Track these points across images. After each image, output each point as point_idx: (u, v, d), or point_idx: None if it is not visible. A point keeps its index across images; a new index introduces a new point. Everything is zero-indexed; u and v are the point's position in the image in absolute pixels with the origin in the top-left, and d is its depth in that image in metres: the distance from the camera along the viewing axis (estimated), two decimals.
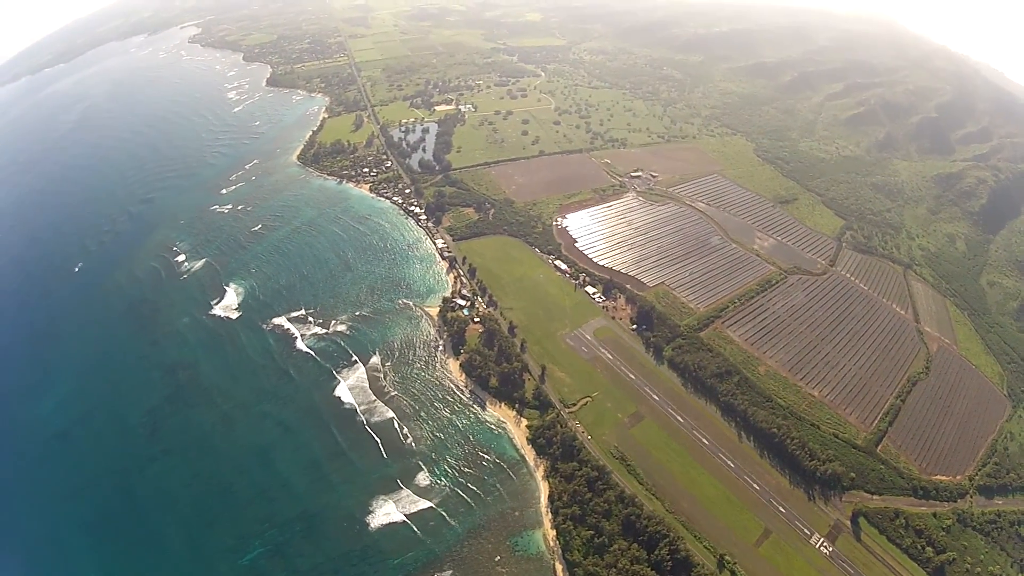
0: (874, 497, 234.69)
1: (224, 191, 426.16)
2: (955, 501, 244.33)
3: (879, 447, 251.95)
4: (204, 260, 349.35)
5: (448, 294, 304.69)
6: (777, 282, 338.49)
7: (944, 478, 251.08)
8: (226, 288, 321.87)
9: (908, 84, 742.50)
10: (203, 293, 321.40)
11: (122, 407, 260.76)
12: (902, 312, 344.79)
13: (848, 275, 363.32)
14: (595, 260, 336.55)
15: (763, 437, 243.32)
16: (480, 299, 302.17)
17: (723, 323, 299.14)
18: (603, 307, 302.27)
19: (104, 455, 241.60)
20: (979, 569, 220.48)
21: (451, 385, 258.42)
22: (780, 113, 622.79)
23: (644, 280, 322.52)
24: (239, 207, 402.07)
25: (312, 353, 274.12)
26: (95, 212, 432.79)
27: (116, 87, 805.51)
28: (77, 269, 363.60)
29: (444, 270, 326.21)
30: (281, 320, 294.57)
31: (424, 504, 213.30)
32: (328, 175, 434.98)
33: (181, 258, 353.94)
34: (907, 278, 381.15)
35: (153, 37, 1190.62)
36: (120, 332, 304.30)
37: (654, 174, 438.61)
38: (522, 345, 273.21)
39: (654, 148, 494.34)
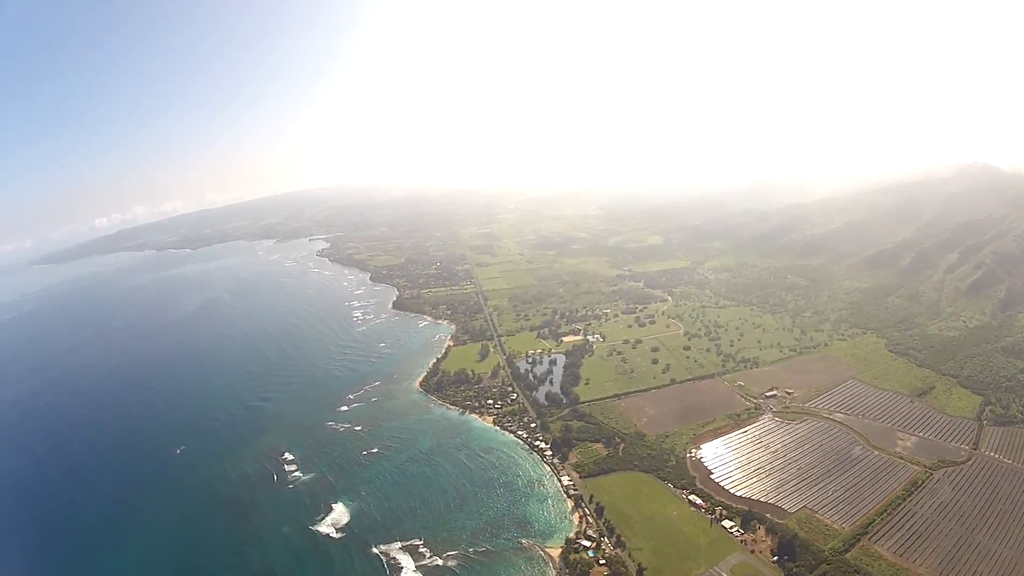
0: None
1: (343, 408, 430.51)
2: None
3: None
4: (313, 474, 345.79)
5: (572, 535, 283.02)
6: (923, 481, 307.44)
7: None
8: (333, 506, 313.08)
9: (1016, 229, 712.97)
10: (308, 506, 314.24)
11: None
12: None
13: (992, 454, 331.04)
14: (731, 491, 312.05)
15: None
16: (607, 540, 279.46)
17: (870, 539, 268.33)
18: (741, 541, 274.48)
19: None
20: None
21: None
22: (905, 301, 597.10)
23: (784, 506, 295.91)
24: (356, 427, 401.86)
25: None
26: (211, 398, 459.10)
27: (242, 284, 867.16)
28: (179, 451, 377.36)
29: (569, 509, 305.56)
30: (389, 547, 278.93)
31: None
32: (451, 405, 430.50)
33: (290, 467, 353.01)
34: None
35: (282, 244, 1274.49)
36: (212, 523, 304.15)
37: (789, 391, 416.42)
38: None
39: (787, 363, 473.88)
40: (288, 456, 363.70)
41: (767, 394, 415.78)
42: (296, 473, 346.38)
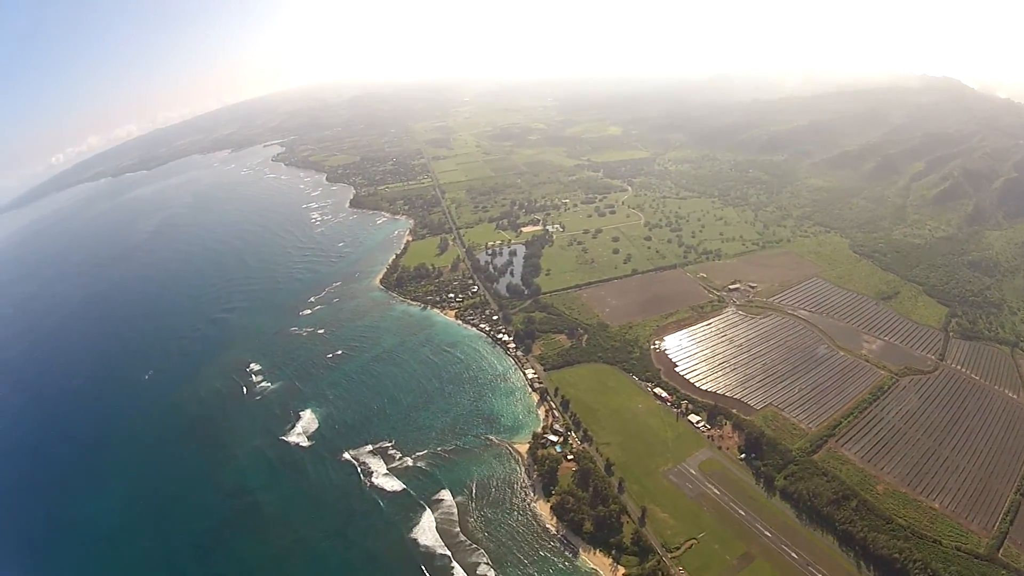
0: None
1: (305, 312, 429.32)
2: None
3: (1000, 551, 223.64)
4: (281, 383, 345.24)
5: (539, 429, 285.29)
6: (889, 387, 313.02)
7: None
8: (301, 414, 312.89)
9: (985, 147, 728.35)
10: (278, 416, 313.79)
11: (176, 524, 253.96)
12: (1014, 396, 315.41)
13: (959, 367, 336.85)
14: (697, 385, 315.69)
15: (884, 565, 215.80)
16: (574, 434, 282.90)
17: (837, 442, 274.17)
18: (708, 437, 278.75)
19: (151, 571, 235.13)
20: None
21: (542, 529, 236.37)
22: (870, 203, 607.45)
23: (750, 403, 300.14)
24: (319, 330, 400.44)
25: (391, 489, 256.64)
26: (176, 316, 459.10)
27: (198, 199, 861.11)
28: (148, 376, 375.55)
29: (535, 403, 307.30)
30: (359, 451, 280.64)
31: None
32: (412, 300, 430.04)
33: (258, 378, 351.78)
34: (1015, 357, 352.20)
35: (236, 153, 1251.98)
36: (186, 447, 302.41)
37: (752, 285, 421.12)
38: (620, 485, 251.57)
39: (749, 256, 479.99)
40: (255, 367, 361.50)
41: (730, 287, 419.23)
42: (263, 383, 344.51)
